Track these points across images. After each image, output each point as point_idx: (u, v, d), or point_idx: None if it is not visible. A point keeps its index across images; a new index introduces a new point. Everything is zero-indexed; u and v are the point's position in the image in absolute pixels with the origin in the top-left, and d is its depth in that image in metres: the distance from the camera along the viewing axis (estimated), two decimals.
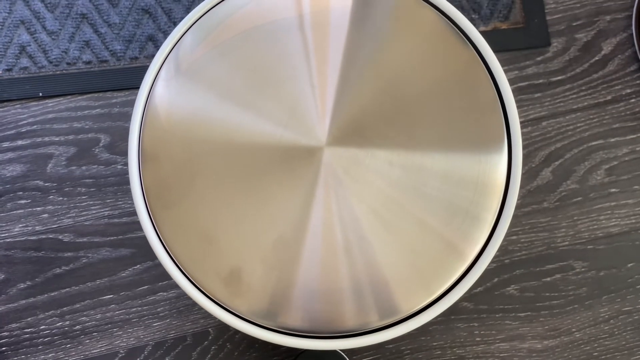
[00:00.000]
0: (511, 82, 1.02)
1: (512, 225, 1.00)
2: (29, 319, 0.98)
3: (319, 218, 0.57)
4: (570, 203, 1.01)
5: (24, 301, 0.98)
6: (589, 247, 1.00)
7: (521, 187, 1.01)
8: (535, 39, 1.04)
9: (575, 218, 1.01)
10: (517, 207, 1.01)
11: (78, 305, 0.98)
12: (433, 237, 0.58)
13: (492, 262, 1.00)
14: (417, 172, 0.58)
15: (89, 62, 1.02)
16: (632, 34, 1.02)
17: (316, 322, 0.57)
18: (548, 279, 1.00)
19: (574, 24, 1.04)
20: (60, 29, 1.02)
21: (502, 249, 1.00)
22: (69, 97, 1.02)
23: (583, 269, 1.00)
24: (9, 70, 1.02)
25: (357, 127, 0.59)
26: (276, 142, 0.58)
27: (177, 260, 0.57)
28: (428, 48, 0.61)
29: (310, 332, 0.57)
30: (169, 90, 0.59)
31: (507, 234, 1.00)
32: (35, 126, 1.01)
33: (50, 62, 1.02)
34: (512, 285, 1.00)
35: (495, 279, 1.00)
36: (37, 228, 1.00)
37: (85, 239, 0.99)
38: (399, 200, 0.58)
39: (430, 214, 0.58)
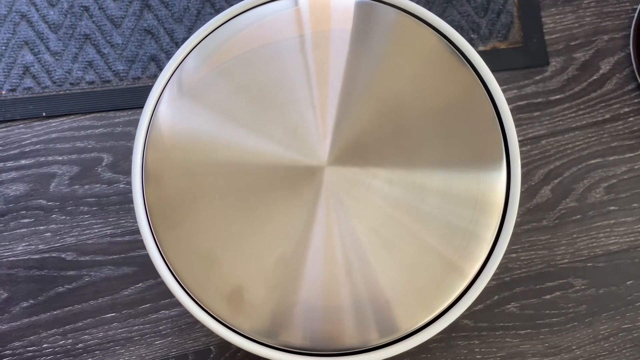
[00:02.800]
0: (510, 101, 1.03)
1: (511, 243, 1.01)
2: (32, 337, 0.98)
3: (320, 237, 0.58)
4: (569, 221, 1.02)
5: (26, 320, 0.99)
6: (588, 264, 1.01)
7: (520, 205, 1.02)
8: (534, 58, 1.05)
9: (574, 236, 1.01)
10: (517, 225, 1.01)
11: (80, 324, 0.99)
12: (433, 255, 0.58)
13: (492, 279, 1.00)
14: (417, 191, 0.59)
15: (92, 82, 1.03)
16: (629, 53, 1.03)
17: (317, 340, 0.57)
18: (548, 296, 1.00)
19: (572, 43, 1.05)
20: (63, 50, 1.03)
21: (502, 267, 1.01)
22: (72, 116, 1.03)
23: (583, 287, 1.00)
24: (13, 90, 1.03)
25: (357, 147, 0.59)
26: (277, 162, 0.59)
27: (180, 279, 0.58)
28: (427, 69, 0.62)
29: (311, 350, 0.58)
30: (172, 111, 0.60)
31: (507, 252, 1.01)
32: (38, 146, 1.02)
33: (54, 82, 1.03)
34: (512, 303, 1.00)
35: (496, 297, 1.00)
36: (40, 247, 1.00)
37: (87, 258, 1.00)
38: (399, 219, 0.59)
39: (430, 232, 0.59)
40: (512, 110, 1.03)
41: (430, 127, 0.61)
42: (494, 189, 0.60)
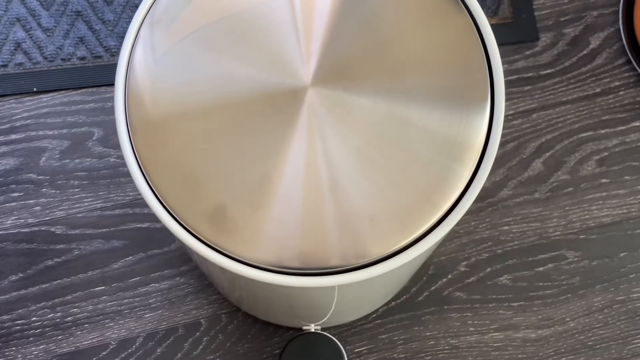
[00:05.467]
0: None
1: (503, 215, 1.01)
2: (20, 310, 0.98)
3: (303, 156, 0.58)
4: (561, 194, 1.01)
5: (15, 293, 0.98)
6: (581, 237, 1.00)
7: (512, 177, 1.01)
8: (524, 33, 1.05)
9: (566, 208, 1.01)
10: (509, 197, 1.01)
11: (69, 297, 0.98)
12: (417, 176, 0.58)
13: (484, 251, 1.00)
14: (401, 112, 0.59)
15: (83, 58, 1.04)
16: (619, 28, 1.04)
17: (300, 259, 0.57)
18: (541, 268, 1.00)
19: (562, 19, 1.06)
20: (55, 26, 1.04)
21: (494, 239, 1.00)
22: (63, 92, 1.03)
23: (576, 259, 1.00)
24: (4, 66, 1.03)
25: (342, 69, 0.59)
26: (260, 84, 0.59)
27: (162, 198, 0.58)
28: (421, 3, 0.62)
29: (293, 268, 0.57)
30: (152, 39, 0.60)
31: (499, 224, 1.00)
32: (29, 120, 1.02)
33: (45, 58, 1.03)
34: (505, 275, 0.99)
35: (488, 269, 1.00)
36: (30, 220, 1.00)
37: (77, 231, 1.00)
38: (382, 139, 0.58)
39: (414, 154, 0.58)
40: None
41: (419, 56, 0.61)
42: (477, 126, 0.60)
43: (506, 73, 1.03)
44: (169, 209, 0.58)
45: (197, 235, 0.57)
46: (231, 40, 0.60)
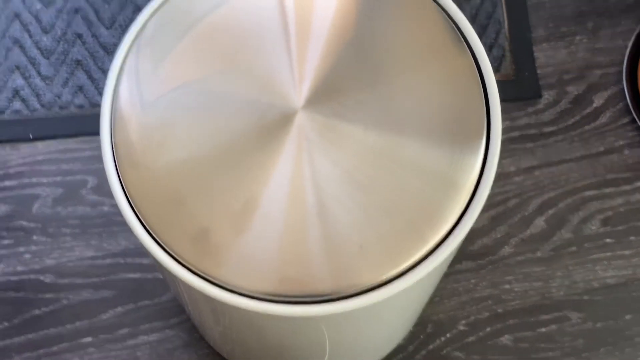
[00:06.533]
0: (503, 132, 1.01)
1: (504, 273, 0.98)
2: None
3: (291, 179, 0.56)
4: (564, 253, 0.99)
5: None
6: (585, 297, 0.97)
7: (514, 235, 0.99)
8: (526, 91, 1.04)
9: (570, 268, 0.98)
10: (511, 255, 0.98)
11: (55, 348, 0.95)
12: (409, 201, 0.56)
13: (484, 310, 0.97)
14: (393, 137, 0.57)
15: (81, 106, 1.03)
16: (623, 87, 1.03)
17: (286, 286, 0.54)
18: (543, 329, 0.96)
19: (565, 77, 1.05)
20: (54, 75, 1.03)
21: (495, 298, 0.97)
22: (60, 139, 1.02)
23: (579, 320, 0.97)
24: (1, 113, 1.02)
25: (332, 92, 0.58)
26: (249, 106, 0.57)
27: (144, 220, 0.56)
28: (417, 26, 0.61)
29: (279, 296, 0.54)
30: (139, 62, 0.59)
31: (500, 283, 0.98)
32: (23, 167, 1.01)
33: (43, 106, 1.02)
34: (506, 335, 0.96)
35: (488, 329, 0.96)
36: (19, 268, 0.98)
37: (66, 280, 0.97)
38: (373, 163, 0.56)
39: (406, 179, 0.56)
40: (504, 140, 1.01)
41: (416, 87, 0.59)
42: (472, 159, 0.58)
43: (508, 129, 1.02)
44: (149, 230, 0.56)
45: (177, 258, 0.55)
46: (221, 62, 0.59)
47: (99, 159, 1.00)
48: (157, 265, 0.60)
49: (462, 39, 0.61)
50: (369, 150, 0.57)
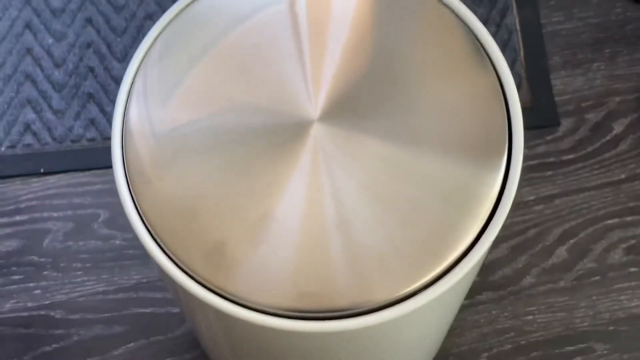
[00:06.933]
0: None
1: (527, 304, 0.95)
2: None
3: (308, 192, 0.54)
4: (588, 282, 0.96)
5: None
6: (610, 328, 0.94)
7: (535, 265, 0.96)
8: (544, 118, 1.03)
9: (594, 298, 0.95)
10: (532, 285, 0.96)
11: None
12: (428, 214, 0.54)
13: (507, 343, 0.94)
14: (412, 149, 0.55)
15: (92, 140, 1.02)
16: None
17: (303, 301, 0.52)
18: None
19: (583, 104, 1.03)
20: (66, 108, 1.02)
21: (517, 329, 0.94)
22: (71, 173, 1.01)
23: (605, 352, 0.93)
24: (12, 147, 1.01)
25: (349, 103, 0.56)
26: (265, 118, 0.56)
27: (157, 236, 0.54)
28: (436, 39, 0.59)
29: (296, 311, 0.52)
30: (153, 73, 0.58)
31: (522, 314, 0.95)
32: (34, 202, 0.99)
33: (54, 140, 1.01)
34: None
35: None
36: (29, 304, 0.96)
37: (77, 316, 0.95)
38: (392, 176, 0.54)
39: (426, 191, 0.54)
40: (523, 169, 1.00)
41: (435, 99, 0.57)
42: (492, 176, 0.56)
43: (526, 158, 1.00)
44: (162, 246, 0.54)
45: (191, 274, 0.53)
46: (232, 75, 0.57)
47: (111, 192, 0.99)
48: (169, 285, 0.58)
49: (485, 55, 0.59)
50: (387, 163, 0.55)
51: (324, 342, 0.56)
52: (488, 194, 0.56)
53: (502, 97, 0.59)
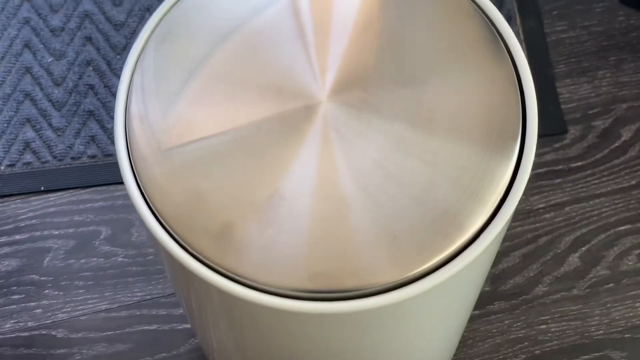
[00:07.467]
0: None
1: (540, 313, 0.93)
2: None
3: (319, 171, 0.52)
4: (601, 290, 0.94)
5: None
6: (626, 336, 0.92)
7: (547, 273, 0.94)
8: (551, 126, 1.01)
9: (608, 305, 0.93)
10: (545, 294, 0.94)
11: None
12: (440, 190, 0.52)
13: (520, 353, 0.91)
14: (422, 128, 0.54)
15: (93, 157, 1.00)
16: None
17: (316, 281, 0.50)
18: None
19: (590, 112, 1.02)
20: (66, 126, 1.01)
21: (531, 339, 0.92)
22: (72, 190, 0.99)
23: None
24: (12, 165, 0.99)
25: (358, 82, 0.55)
26: (270, 97, 0.54)
27: (163, 218, 0.52)
28: (450, 23, 0.58)
29: (309, 292, 0.50)
30: (158, 56, 0.56)
31: (536, 323, 0.93)
32: (34, 220, 0.98)
33: (55, 157, 1.00)
34: None
35: None
36: (30, 324, 0.93)
37: (79, 335, 0.92)
38: (403, 153, 0.53)
39: (437, 169, 0.53)
40: (532, 177, 0.98)
41: (446, 77, 0.56)
42: (505, 158, 0.54)
43: (535, 166, 0.97)
44: (168, 230, 0.52)
45: (199, 256, 0.51)
46: (237, 57, 0.56)
47: (112, 208, 0.97)
48: (174, 272, 0.56)
49: (500, 40, 0.58)
50: (397, 142, 0.53)
51: (338, 324, 0.53)
52: (499, 180, 0.54)
53: (516, 83, 0.58)
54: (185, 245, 0.51)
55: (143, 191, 0.53)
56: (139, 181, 0.54)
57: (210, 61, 0.56)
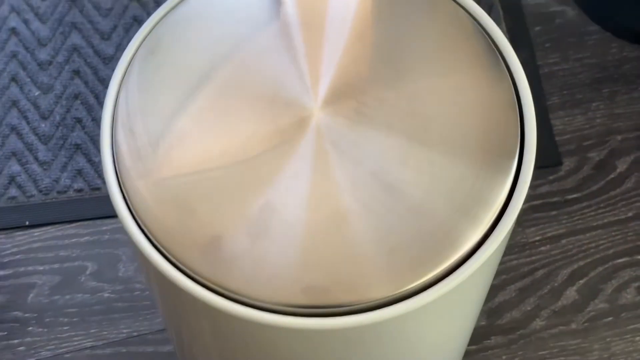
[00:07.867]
0: (525, 200, 0.96)
1: (538, 348, 0.91)
2: None
3: (312, 182, 0.50)
4: (600, 324, 0.92)
5: None
6: None
7: (544, 307, 0.92)
8: (546, 158, 1.00)
9: (608, 340, 0.91)
10: (543, 328, 0.91)
11: None
12: (437, 201, 0.50)
13: None
14: (418, 138, 0.52)
15: (80, 190, 0.98)
16: None
17: (309, 296, 0.48)
18: None
19: (585, 143, 1.01)
20: (53, 160, 0.99)
21: None
22: (57, 225, 0.97)
23: None
24: None
25: (352, 91, 0.53)
26: (260, 108, 0.53)
27: (146, 228, 0.50)
28: (444, 32, 0.57)
29: (302, 307, 0.48)
30: (145, 64, 0.55)
31: (534, 358, 0.90)
32: (18, 256, 0.95)
33: (40, 192, 0.98)
34: None
35: None
36: None
37: None
38: (399, 163, 0.51)
39: (433, 180, 0.51)
40: (527, 209, 0.97)
41: (440, 85, 0.54)
42: (502, 175, 0.53)
43: (530, 198, 0.97)
44: (155, 243, 0.50)
45: (187, 271, 0.49)
46: (226, 67, 0.55)
47: (99, 243, 0.95)
48: (158, 288, 0.54)
49: (499, 55, 0.57)
50: (392, 153, 0.52)
51: (330, 340, 0.51)
52: (495, 198, 0.52)
53: (515, 99, 0.56)
54: (173, 260, 0.49)
55: (129, 203, 0.51)
56: (124, 192, 0.52)
57: (199, 74, 0.55)
